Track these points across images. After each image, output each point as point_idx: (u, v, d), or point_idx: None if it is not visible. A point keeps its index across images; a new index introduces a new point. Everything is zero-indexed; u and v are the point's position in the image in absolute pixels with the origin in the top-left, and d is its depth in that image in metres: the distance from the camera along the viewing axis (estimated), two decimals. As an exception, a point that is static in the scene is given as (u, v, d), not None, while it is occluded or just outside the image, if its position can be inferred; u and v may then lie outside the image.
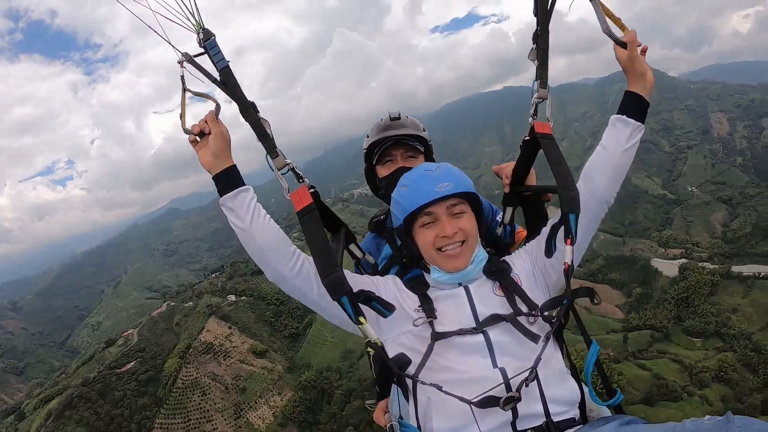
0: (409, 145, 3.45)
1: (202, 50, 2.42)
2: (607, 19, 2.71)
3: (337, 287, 2.22)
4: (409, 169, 2.92)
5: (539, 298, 2.55)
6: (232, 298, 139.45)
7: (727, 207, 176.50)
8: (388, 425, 2.87)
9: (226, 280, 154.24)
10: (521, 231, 3.29)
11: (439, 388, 2.19)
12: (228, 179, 2.43)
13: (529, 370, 2.20)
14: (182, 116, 2.53)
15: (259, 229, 2.42)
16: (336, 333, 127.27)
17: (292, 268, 2.44)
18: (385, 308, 2.44)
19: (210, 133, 2.46)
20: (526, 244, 2.84)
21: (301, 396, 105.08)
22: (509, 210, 3.16)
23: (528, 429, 2.18)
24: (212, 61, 2.41)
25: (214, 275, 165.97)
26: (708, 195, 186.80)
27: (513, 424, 2.18)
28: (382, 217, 3.52)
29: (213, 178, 2.45)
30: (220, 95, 2.50)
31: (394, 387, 2.85)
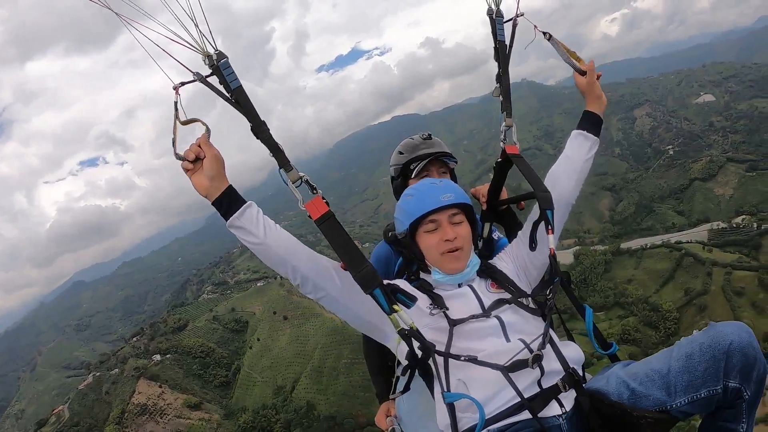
0: (444, 161, 3.68)
1: (210, 72, 2.41)
2: (566, 54, 3.26)
3: (369, 281, 2.31)
4: None
5: (526, 290, 2.83)
6: (158, 357, 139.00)
7: (611, 193, 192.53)
8: (389, 428, 3.35)
9: (148, 342, 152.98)
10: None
11: (474, 360, 2.38)
12: (230, 200, 2.45)
13: (542, 335, 2.48)
14: (174, 142, 2.43)
15: (274, 240, 2.47)
16: (265, 373, 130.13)
17: (313, 267, 2.51)
18: (409, 299, 2.56)
19: (204, 158, 2.45)
20: (505, 247, 3.15)
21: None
22: (487, 225, 3.49)
23: (554, 383, 2.38)
24: (225, 82, 2.41)
25: (135, 339, 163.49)
26: (592, 186, 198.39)
27: (539, 383, 2.37)
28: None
29: (213, 203, 2.46)
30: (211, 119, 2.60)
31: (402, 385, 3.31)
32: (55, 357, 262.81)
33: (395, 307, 2.33)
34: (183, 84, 2.40)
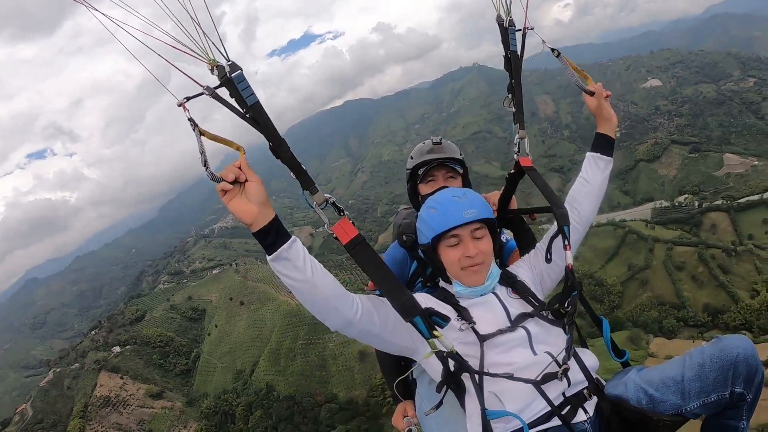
0: (450, 167, 3.79)
1: (219, 84, 2.14)
2: (574, 72, 3.27)
3: (409, 309, 2.29)
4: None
5: (542, 299, 2.93)
6: (118, 349, 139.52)
7: (560, 175, 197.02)
8: (406, 429, 3.43)
9: (107, 334, 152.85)
10: (516, 253, 3.62)
11: (510, 377, 2.47)
12: (278, 230, 2.25)
13: (566, 348, 2.60)
14: (206, 164, 2.13)
15: (320, 278, 2.34)
16: (224, 358, 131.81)
17: (356, 311, 2.45)
18: (442, 320, 2.43)
19: (246, 181, 2.23)
20: (524, 255, 3.26)
21: (206, 423, 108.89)
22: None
23: (579, 391, 2.56)
24: (239, 97, 2.16)
25: (93, 332, 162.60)
26: (542, 168, 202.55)
27: (563, 393, 2.52)
28: (414, 236, 3.38)
29: (260, 231, 2.22)
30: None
31: (417, 393, 3.48)
32: (12, 357, 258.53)
33: (435, 332, 2.35)
34: (188, 99, 2.14)
